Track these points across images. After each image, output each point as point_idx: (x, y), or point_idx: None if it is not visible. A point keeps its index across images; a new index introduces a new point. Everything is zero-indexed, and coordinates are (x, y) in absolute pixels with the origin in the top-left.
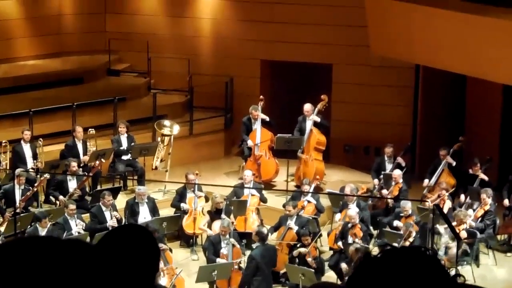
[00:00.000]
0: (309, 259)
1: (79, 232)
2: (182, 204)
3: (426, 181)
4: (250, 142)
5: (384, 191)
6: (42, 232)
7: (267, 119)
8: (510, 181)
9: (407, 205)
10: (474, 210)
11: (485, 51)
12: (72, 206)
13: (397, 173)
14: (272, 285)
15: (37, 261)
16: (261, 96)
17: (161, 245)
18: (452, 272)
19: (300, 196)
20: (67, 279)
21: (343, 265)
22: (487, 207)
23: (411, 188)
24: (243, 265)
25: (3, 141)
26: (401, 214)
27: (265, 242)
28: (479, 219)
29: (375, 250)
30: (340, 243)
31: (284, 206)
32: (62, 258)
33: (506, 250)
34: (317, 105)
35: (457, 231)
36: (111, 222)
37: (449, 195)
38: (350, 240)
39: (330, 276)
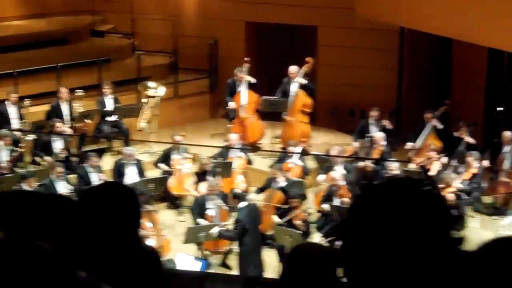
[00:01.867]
0: (297, 222)
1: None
2: (160, 164)
3: (409, 144)
4: (232, 104)
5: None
6: None
7: (252, 80)
8: (494, 143)
9: (392, 165)
10: (459, 173)
11: (470, 14)
12: (60, 169)
13: (379, 135)
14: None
15: (22, 212)
16: (246, 58)
17: (147, 207)
18: None
19: (286, 158)
20: (50, 231)
21: (337, 243)
22: (473, 170)
23: (395, 151)
24: (230, 227)
25: None
26: (387, 175)
27: (247, 203)
28: (466, 182)
29: None
30: (326, 206)
31: (271, 167)
32: (46, 211)
33: (492, 213)
34: (303, 67)
35: (445, 193)
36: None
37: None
38: (337, 202)
39: (315, 238)
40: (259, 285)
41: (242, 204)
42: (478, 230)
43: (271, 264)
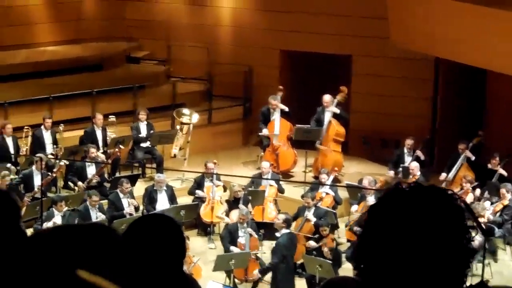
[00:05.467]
0: (325, 249)
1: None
2: (198, 191)
3: (443, 174)
4: (265, 131)
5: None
6: (58, 215)
7: (286, 109)
8: None
9: None
10: (492, 204)
11: (504, 45)
12: (95, 198)
13: (414, 165)
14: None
15: (70, 250)
16: (280, 86)
17: None
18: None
19: (318, 187)
20: (97, 267)
21: None
22: (506, 202)
23: (429, 181)
24: (259, 255)
25: (25, 127)
26: None
27: (289, 230)
28: (498, 213)
29: None
30: (356, 228)
31: (302, 197)
32: (92, 245)
33: None
34: (337, 96)
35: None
36: (128, 209)
37: (472, 189)
38: None
39: (347, 267)
40: None
41: (285, 231)
42: (511, 263)
43: None
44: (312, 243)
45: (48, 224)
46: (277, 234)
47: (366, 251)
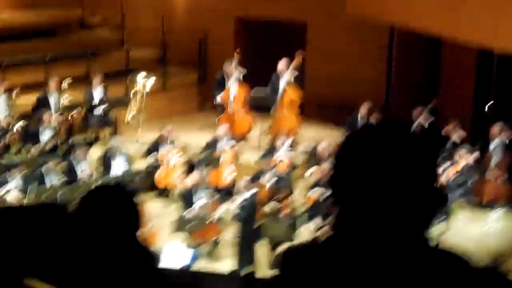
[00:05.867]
0: (281, 214)
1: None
2: (149, 157)
3: None
4: (218, 99)
5: None
6: (12, 181)
7: (242, 74)
8: (482, 140)
9: None
10: (445, 170)
11: (460, 13)
12: (51, 163)
13: None
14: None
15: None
16: (238, 49)
17: None
18: None
19: (274, 152)
20: (43, 244)
21: (317, 220)
22: (460, 166)
23: None
24: (216, 218)
25: None
26: None
27: (255, 190)
28: (453, 177)
29: None
30: (313, 193)
31: (258, 162)
32: (36, 225)
33: (479, 209)
34: (292, 62)
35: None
36: (82, 175)
37: None
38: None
39: (303, 230)
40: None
41: (253, 191)
42: (465, 225)
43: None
44: (267, 208)
45: (1, 191)
46: (245, 195)
47: (338, 184)
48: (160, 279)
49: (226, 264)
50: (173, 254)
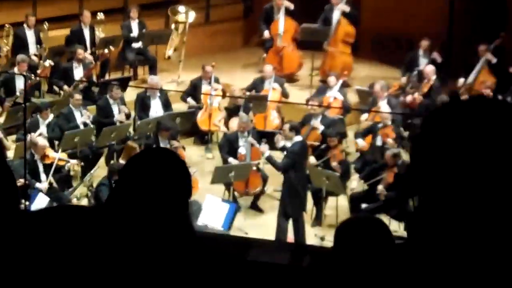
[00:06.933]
0: (334, 164)
1: (85, 124)
2: (189, 99)
3: (461, 80)
4: (266, 33)
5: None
6: (43, 123)
7: (292, 7)
8: None
9: (443, 100)
10: None
11: None
12: (78, 96)
13: (430, 68)
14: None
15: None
16: None
17: (173, 142)
18: None
19: (326, 91)
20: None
21: (379, 187)
22: None
23: (446, 86)
24: (261, 166)
25: (5, 25)
26: None
27: (301, 137)
28: None
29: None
30: (360, 140)
31: (307, 101)
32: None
33: None
34: None
35: None
36: (118, 117)
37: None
38: (379, 141)
39: (354, 180)
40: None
41: (297, 138)
42: None
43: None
44: (312, 160)
45: (33, 136)
46: (287, 144)
47: (421, 171)
48: (205, 251)
49: (270, 217)
50: (213, 207)
